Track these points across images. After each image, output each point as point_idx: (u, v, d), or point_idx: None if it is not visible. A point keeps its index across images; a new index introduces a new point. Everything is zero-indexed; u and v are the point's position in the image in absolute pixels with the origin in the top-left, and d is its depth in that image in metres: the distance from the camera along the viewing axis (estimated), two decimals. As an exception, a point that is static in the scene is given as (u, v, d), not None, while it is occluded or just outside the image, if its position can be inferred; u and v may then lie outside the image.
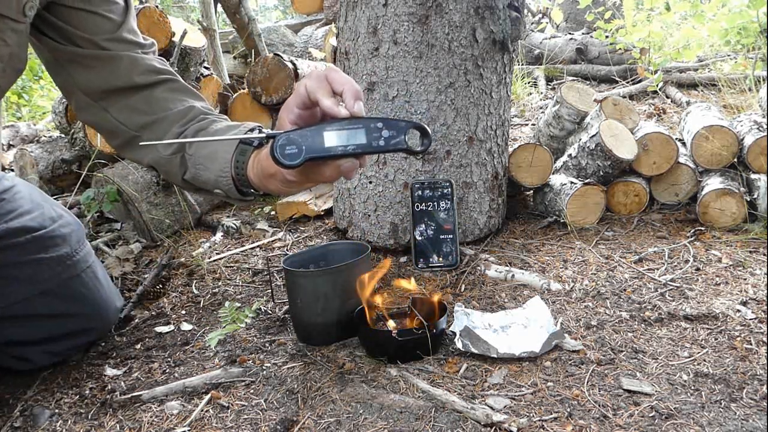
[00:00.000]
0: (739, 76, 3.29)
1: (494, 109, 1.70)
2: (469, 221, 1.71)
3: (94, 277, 1.28)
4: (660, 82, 3.45)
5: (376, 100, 1.64)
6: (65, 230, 1.24)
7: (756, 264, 1.51)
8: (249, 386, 1.11)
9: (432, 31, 1.58)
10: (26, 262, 1.16)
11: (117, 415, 1.06)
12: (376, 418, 0.98)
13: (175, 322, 1.41)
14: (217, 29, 3.66)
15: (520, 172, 1.89)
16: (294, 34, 4.28)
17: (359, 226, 1.74)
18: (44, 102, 5.01)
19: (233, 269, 1.69)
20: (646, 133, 1.88)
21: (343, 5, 1.71)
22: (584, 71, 3.99)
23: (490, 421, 0.95)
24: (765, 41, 3.31)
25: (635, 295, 1.38)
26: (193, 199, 2.00)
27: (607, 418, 0.97)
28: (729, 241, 1.65)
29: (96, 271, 1.29)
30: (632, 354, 1.15)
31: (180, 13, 6.88)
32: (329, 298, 1.22)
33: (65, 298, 1.21)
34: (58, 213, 1.25)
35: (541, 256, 1.63)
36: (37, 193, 1.27)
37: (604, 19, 4.11)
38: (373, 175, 1.69)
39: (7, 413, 1.10)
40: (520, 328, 1.25)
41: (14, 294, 1.16)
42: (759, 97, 2.75)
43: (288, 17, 7.55)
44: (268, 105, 2.26)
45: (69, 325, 1.24)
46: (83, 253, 1.26)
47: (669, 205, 1.93)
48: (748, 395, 1.01)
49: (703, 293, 1.38)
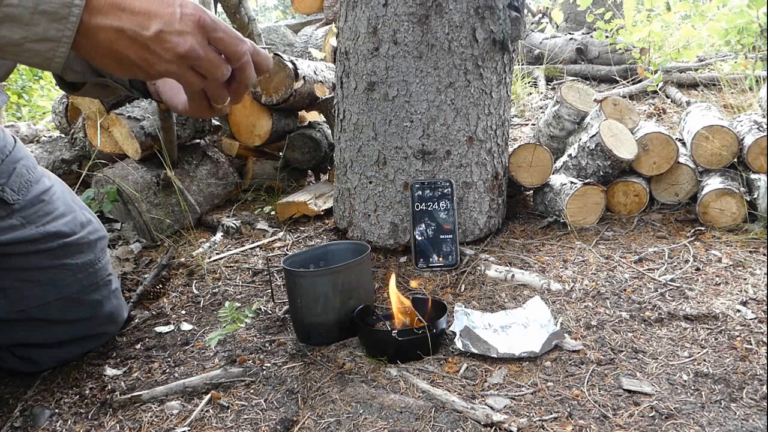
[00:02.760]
0: (739, 76, 3.29)
1: (494, 109, 1.70)
2: (469, 221, 1.71)
3: (111, 285, 1.28)
4: (660, 82, 3.46)
5: (376, 99, 1.64)
6: (92, 237, 1.24)
7: (756, 264, 1.51)
8: (249, 386, 1.11)
9: (432, 31, 1.58)
10: (52, 267, 1.15)
11: (117, 415, 1.06)
12: (376, 418, 0.98)
13: (175, 322, 1.41)
14: (217, 29, 3.66)
15: (520, 172, 1.89)
16: (294, 34, 4.28)
17: (359, 226, 1.74)
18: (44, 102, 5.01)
19: (233, 269, 1.69)
20: (646, 133, 1.88)
21: (343, 5, 1.71)
22: (584, 71, 3.99)
23: (490, 421, 0.95)
24: (765, 41, 3.31)
25: (635, 295, 1.38)
26: (193, 200, 2.00)
27: (607, 418, 0.97)
28: (729, 241, 1.65)
29: (112, 280, 1.29)
30: (632, 354, 1.15)
31: (180, 13, 6.85)
32: (329, 298, 1.22)
33: (81, 304, 1.21)
34: (87, 218, 1.25)
35: (541, 256, 1.63)
36: (69, 193, 1.26)
37: (604, 20, 4.11)
38: (373, 175, 1.69)
39: (7, 413, 1.10)
40: (520, 328, 1.25)
41: (34, 298, 1.15)
42: (759, 97, 2.75)
43: (288, 17, 7.55)
44: (267, 105, 2.26)
45: (80, 331, 1.23)
46: (104, 261, 1.26)
47: (669, 205, 1.93)
48: (748, 395, 1.01)
49: (703, 293, 1.38)
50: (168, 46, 0.70)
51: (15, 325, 1.15)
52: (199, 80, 0.75)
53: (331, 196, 1.98)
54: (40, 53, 0.69)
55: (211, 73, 0.74)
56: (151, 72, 0.72)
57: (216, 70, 0.74)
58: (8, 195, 1.08)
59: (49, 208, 1.16)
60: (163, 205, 1.93)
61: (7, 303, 1.12)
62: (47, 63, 0.69)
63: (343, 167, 1.76)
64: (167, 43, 0.70)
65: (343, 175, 1.77)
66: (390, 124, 1.64)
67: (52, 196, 1.19)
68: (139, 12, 0.69)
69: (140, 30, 0.69)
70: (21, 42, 0.68)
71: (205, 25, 0.72)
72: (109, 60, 0.72)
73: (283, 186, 2.37)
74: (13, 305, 1.13)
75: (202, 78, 0.75)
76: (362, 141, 1.69)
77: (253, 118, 2.30)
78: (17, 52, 0.69)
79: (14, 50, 0.68)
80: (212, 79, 0.75)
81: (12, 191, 1.08)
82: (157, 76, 0.74)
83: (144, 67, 0.71)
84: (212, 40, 0.73)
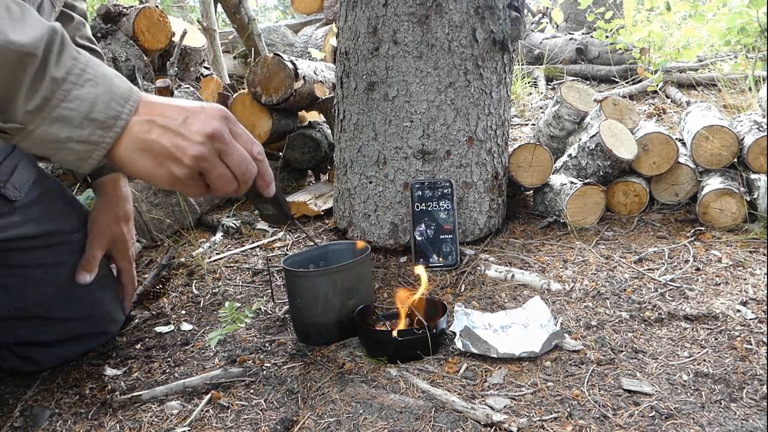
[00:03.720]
0: (739, 76, 3.29)
1: (494, 109, 1.70)
2: (469, 221, 1.71)
3: (110, 284, 1.29)
4: (660, 82, 3.46)
5: (376, 100, 1.64)
6: None
7: (756, 264, 1.51)
8: (249, 386, 1.11)
9: (432, 31, 1.58)
10: (53, 264, 1.16)
11: (117, 415, 1.06)
12: (376, 418, 0.98)
13: (175, 322, 1.41)
14: (217, 29, 3.67)
15: (520, 172, 1.89)
16: (294, 34, 4.28)
17: (359, 226, 1.74)
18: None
19: (233, 269, 1.69)
20: (646, 133, 1.88)
21: (343, 5, 1.71)
22: (584, 71, 3.99)
23: (490, 421, 0.95)
24: (765, 41, 3.31)
25: (635, 295, 1.38)
26: (193, 200, 2.01)
27: (607, 418, 0.97)
28: (729, 241, 1.65)
29: (113, 279, 1.30)
30: (632, 354, 1.15)
31: (180, 13, 6.88)
32: (329, 298, 1.22)
33: (81, 302, 1.21)
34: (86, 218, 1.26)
35: (541, 256, 1.63)
36: (69, 193, 1.27)
37: (604, 19, 4.11)
38: (373, 175, 1.69)
39: (7, 413, 1.10)
40: (520, 328, 1.25)
41: (35, 295, 1.15)
42: (759, 97, 2.75)
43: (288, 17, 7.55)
44: (267, 105, 2.26)
45: (80, 329, 1.24)
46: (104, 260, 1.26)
47: (669, 205, 1.93)
48: (748, 395, 1.02)
49: (703, 293, 1.38)
50: (196, 128, 0.77)
51: (15, 322, 1.15)
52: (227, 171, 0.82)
53: (331, 196, 1.98)
54: (77, 152, 0.75)
55: (235, 148, 0.81)
56: (185, 160, 0.77)
57: (247, 143, 0.84)
58: (10, 192, 1.08)
59: (50, 207, 1.16)
60: (163, 205, 1.93)
61: (8, 300, 1.12)
62: (80, 162, 0.76)
63: (343, 167, 1.76)
64: (195, 125, 0.77)
65: (343, 175, 1.77)
66: (390, 124, 1.64)
67: (54, 194, 1.19)
68: (169, 106, 0.79)
69: (171, 118, 0.78)
70: (65, 141, 0.74)
71: (227, 116, 0.81)
72: (142, 155, 0.77)
73: (283, 186, 2.38)
74: (13, 303, 1.13)
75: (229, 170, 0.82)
76: (362, 141, 1.69)
77: (253, 117, 2.30)
78: (57, 149, 0.75)
79: (55, 146, 0.75)
80: (237, 158, 0.81)
81: (14, 188, 1.09)
82: (191, 167, 0.78)
83: (177, 155, 0.77)
84: (233, 133, 0.82)
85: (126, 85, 0.78)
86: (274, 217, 1.04)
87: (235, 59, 4.09)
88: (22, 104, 0.72)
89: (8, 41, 0.70)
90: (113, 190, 1.28)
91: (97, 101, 0.75)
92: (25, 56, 0.71)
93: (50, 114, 0.73)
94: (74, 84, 0.74)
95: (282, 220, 1.05)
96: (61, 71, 0.73)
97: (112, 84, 0.77)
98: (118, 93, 0.76)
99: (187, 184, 0.80)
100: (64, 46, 0.75)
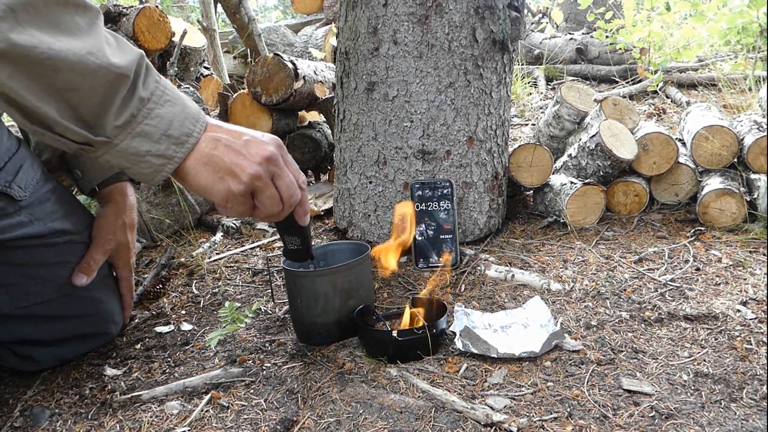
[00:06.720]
0: (739, 76, 3.29)
1: (494, 109, 1.70)
2: (469, 221, 1.71)
3: (112, 285, 1.30)
4: (660, 82, 3.46)
5: (376, 100, 1.64)
6: None
7: (756, 264, 1.51)
8: (249, 386, 1.11)
9: (432, 31, 1.58)
10: (55, 263, 1.16)
11: (117, 415, 1.06)
12: (376, 418, 0.98)
13: (175, 322, 1.41)
14: (217, 29, 3.67)
15: (520, 172, 1.89)
16: (294, 34, 4.28)
17: (359, 226, 1.74)
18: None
19: (233, 269, 1.69)
20: (646, 133, 1.88)
21: (343, 5, 1.71)
22: (584, 71, 3.99)
23: (490, 421, 0.95)
24: (765, 41, 3.31)
25: (635, 295, 1.38)
26: (193, 199, 2.00)
27: (607, 418, 0.97)
28: (729, 241, 1.65)
29: (112, 279, 1.31)
30: (632, 354, 1.15)
31: (180, 13, 6.88)
32: (329, 298, 1.22)
33: (84, 302, 1.22)
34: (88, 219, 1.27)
35: (541, 256, 1.63)
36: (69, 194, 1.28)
37: (604, 19, 4.11)
38: (373, 175, 1.69)
39: (7, 413, 1.10)
40: (520, 328, 1.25)
41: (38, 294, 1.15)
42: (759, 97, 2.75)
43: (288, 17, 7.55)
44: (267, 105, 2.26)
45: (80, 328, 1.24)
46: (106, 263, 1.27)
47: (669, 205, 1.93)
48: (748, 395, 1.02)
49: (703, 293, 1.38)
50: (255, 151, 0.87)
51: (16, 321, 1.16)
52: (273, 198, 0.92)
53: (331, 196, 1.98)
54: (153, 165, 0.84)
55: (287, 174, 0.92)
56: (243, 177, 0.86)
57: (295, 171, 0.95)
58: (15, 192, 1.09)
59: (55, 206, 1.17)
60: (162, 204, 1.93)
61: (9, 299, 1.13)
62: (154, 175, 0.85)
63: (343, 167, 1.76)
64: (255, 148, 0.87)
65: (343, 175, 1.77)
66: (390, 124, 1.64)
67: (57, 195, 1.20)
68: (232, 129, 0.90)
69: (234, 139, 0.88)
70: (144, 154, 0.83)
71: (281, 144, 0.92)
72: (206, 168, 0.86)
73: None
74: (14, 301, 1.13)
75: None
76: (362, 141, 1.69)
77: (253, 117, 2.30)
78: (135, 161, 0.84)
79: (134, 158, 0.84)
80: (287, 182, 0.91)
81: (19, 188, 1.09)
82: (247, 184, 0.87)
83: (237, 172, 0.86)
84: (285, 161, 0.92)
85: (196, 107, 0.88)
86: (297, 253, 1.10)
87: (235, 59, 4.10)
88: (113, 119, 0.81)
89: (110, 63, 0.79)
90: (122, 198, 1.30)
91: (174, 120, 0.84)
92: (121, 77, 0.80)
93: (134, 129, 0.82)
94: (156, 103, 0.83)
95: (302, 258, 1.12)
96: (147, 92, 0.83)
97: (186, 105, 0.87)
98: (191, 113, 0.86)
99: (239, 201, 0.88)
100: (149, 70, 0.85)
